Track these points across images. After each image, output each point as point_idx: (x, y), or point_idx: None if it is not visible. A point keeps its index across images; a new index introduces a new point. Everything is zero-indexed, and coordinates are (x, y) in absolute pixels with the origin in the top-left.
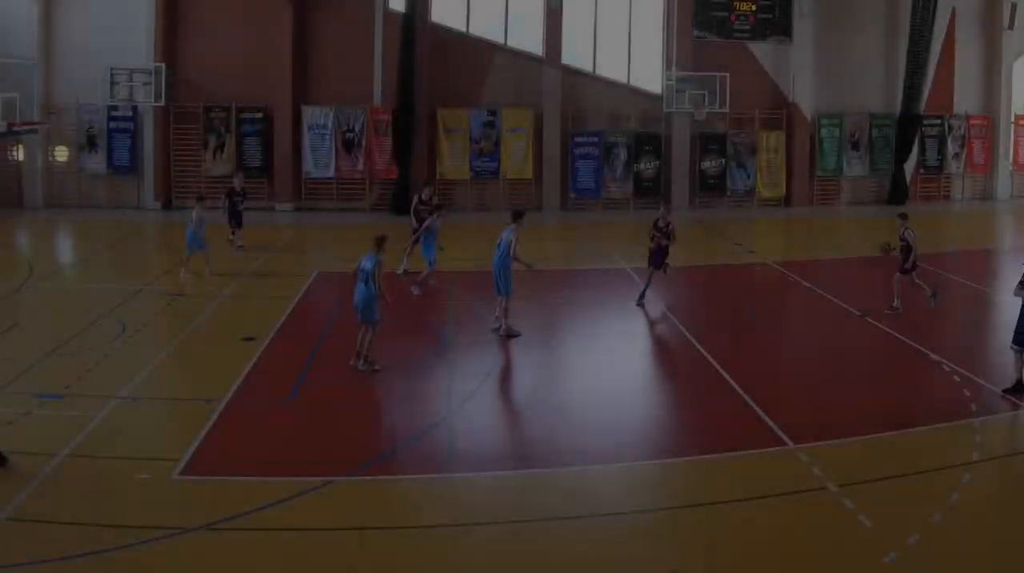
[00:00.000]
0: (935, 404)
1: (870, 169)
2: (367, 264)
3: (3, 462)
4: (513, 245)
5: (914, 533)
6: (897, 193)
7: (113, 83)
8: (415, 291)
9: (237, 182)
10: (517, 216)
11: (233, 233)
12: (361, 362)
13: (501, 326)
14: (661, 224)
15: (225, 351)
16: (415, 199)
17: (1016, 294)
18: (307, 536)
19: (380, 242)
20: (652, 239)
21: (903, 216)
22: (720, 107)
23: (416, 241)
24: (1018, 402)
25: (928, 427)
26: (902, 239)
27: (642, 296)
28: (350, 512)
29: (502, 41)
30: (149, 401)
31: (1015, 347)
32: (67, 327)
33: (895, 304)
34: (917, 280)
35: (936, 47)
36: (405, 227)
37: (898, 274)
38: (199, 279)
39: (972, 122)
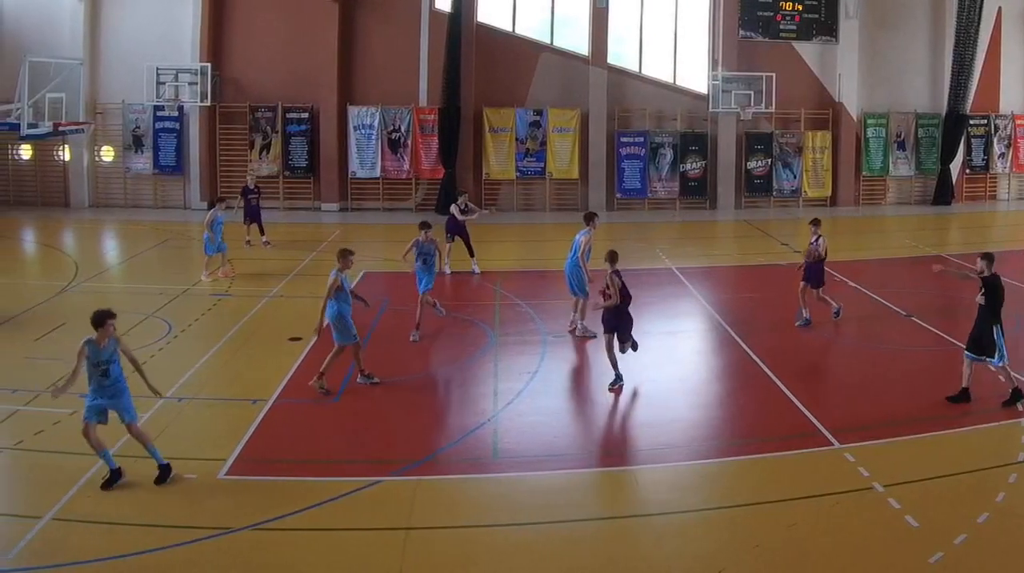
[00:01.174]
0: (981, 403)
1: (916, 169)
2: (333, 279)
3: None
4: (583, 248)
5: (960, 533)
6: (943, 193)
7: (159, 83)
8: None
9: (250, 179)
10: (589, 219)
11: (249, 232)
12: (359, 376)
13: (577, 327)
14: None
15: (271, 351)
16: (454, 209)
17: (978, 301)
18: (353, 536)
19: (344, 255)
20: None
21: (815, 222)
22: (766, 107)
23: (451, 241)
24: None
25: (975, 427)
26: (811, 246)
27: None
28: (396, 512)
29: (548, 41)
30: (195, 401)
31: (969, 355)
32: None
33: (834, 307)
34: (823, 294)
35: (982, 46)
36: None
37: (802, 283)
38: (219, 281)
39: (1018, 121)
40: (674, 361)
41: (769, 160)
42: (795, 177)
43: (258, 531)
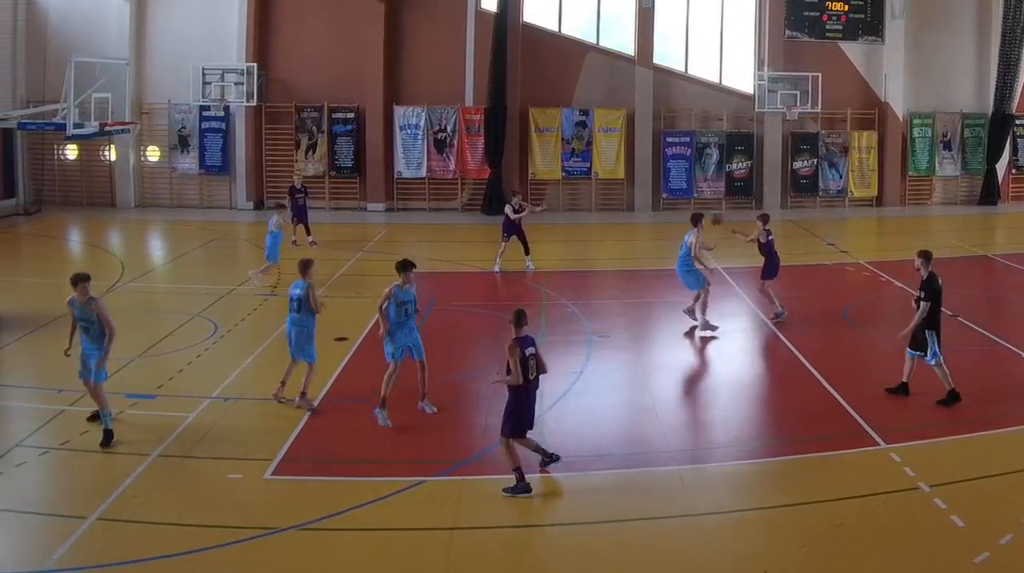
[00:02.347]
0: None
1: (962, 169)
2: (296, 291)
3: (108, 440)
4: (694, 247)
5: (1007, 533)
6: (989, 193)
7: (205, 83)
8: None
9: (297, 179)
10: (696, 220)
11: (295, 232)
12: (298, 398)
13: (699, 321)
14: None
15: (317, 351)
16: (508, 210)
17: (914, 304)
18: (398, 536)
19: (305, 267)
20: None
21: (764, 218)
22: (812, 107)
23: (507, 240)
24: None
25: (1020, 427)
26: (758, 241)
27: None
28: (441, 512)
29: (594, 41)
30: (241, 401)
31: (909, 352)
32: (159, 327)
33: (777, 310)
34: (767, 289)
35: None
36: (498, 228)
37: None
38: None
39: None
40: (721, 361)
41: (815, 160)
42: (841, 177)
43: (303, 531)
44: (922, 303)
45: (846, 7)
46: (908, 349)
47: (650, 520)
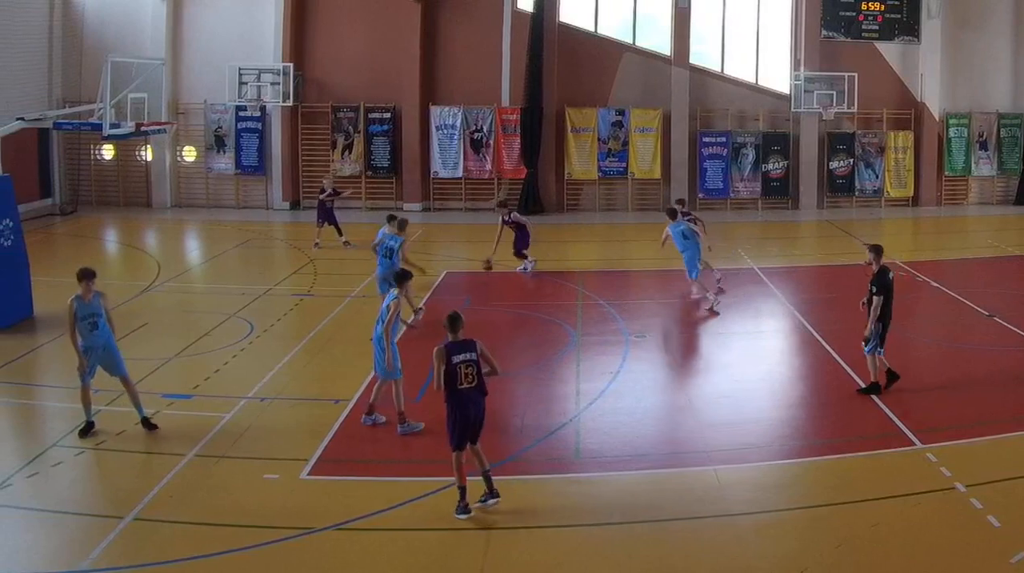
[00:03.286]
0: None
1: (998, 169)
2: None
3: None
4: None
5: None
6: None
7: (241, 83)
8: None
9: (327, 182)
10: (672, 214)
11: (319, 235)
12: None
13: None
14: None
15: (353, 351)
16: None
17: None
18: (435, 536)
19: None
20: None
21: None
22: (848, 107)
23: None
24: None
25: None
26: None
27: None
28: (477, 512)
29: (630, 41)
30: (277, 401)
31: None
32: (195, 327)
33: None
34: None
35: None
36: (534, 227)
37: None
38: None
39: None
40: (756, 360)
41: (851, 160)
42: (877, 177)
43: (340, 531)
44: (874, 298)
45: (882, 7)
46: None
47: (686, 520)
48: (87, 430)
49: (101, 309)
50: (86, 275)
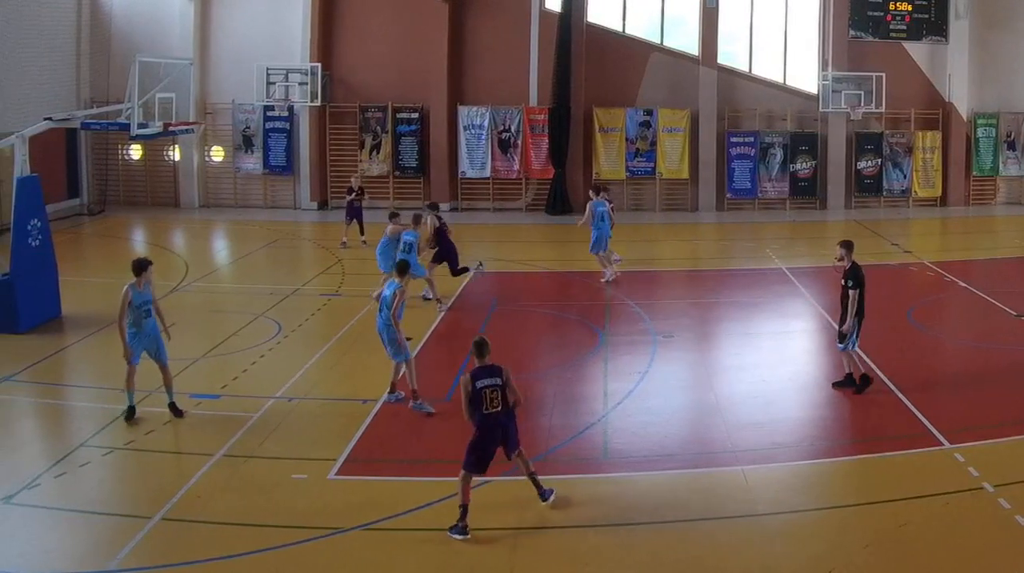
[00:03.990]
0: None
1: None
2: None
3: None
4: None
5: None
6: None
7: (269, 83)
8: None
9: (355, 180)
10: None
11: (347, 233)
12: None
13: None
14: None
15: (381, 351)
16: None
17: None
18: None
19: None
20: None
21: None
22: (876, 107)
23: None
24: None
25: None
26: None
27: None
28: (506, 512)
29: (658, 41)
30: (305, 401)
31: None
32: (223, 327)
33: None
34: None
35: None
36: (562, 228)
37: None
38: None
39: None
40: (784, 361)
41: (879, 160)
42: (905, 177)
43: (368, 531)
44: (851, 292)
45: (910, 7)
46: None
47: (714, 520)
48: (131, 414)
49: (152, 298)
50: (143, 266)
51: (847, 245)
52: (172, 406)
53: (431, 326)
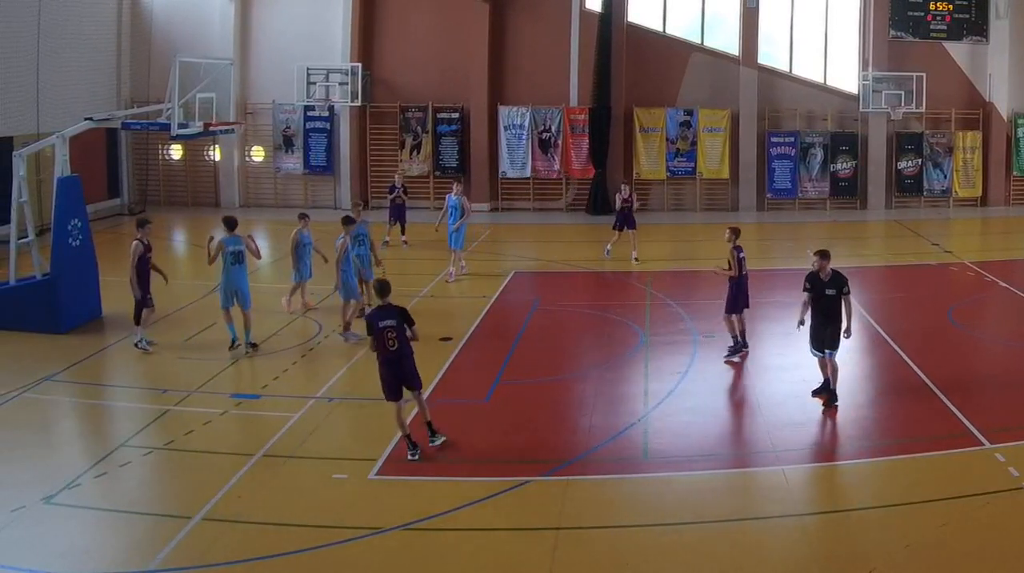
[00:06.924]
0: None
1: None
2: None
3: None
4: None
5: None
6: None
7: (309, 83)
8: (349, 340)
9: (397, 177)
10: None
11: (389, 233)
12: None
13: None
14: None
15: (422, 351)
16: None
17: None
18: (503, 536)
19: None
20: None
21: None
22: (916, 107)
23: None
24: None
25: None
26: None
27: None
28: (546, 512)
29: (698, 41)
30: (345, 402)
31: (813, 352)
32: (263, 327)
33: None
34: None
35: None
36: (603, 228)
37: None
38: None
39: None
40: None
41: (919, 160)
42: (945, 177)
43: (408, 531)
44: (846, 297)
45: (950, 7)
46: (814, 350)
47: (755, 520)
48: (233, 345)
49: (243, 247)
50: (232, 223)
51: (823, 254)
52: (251, 346)
53: (471, 326)
